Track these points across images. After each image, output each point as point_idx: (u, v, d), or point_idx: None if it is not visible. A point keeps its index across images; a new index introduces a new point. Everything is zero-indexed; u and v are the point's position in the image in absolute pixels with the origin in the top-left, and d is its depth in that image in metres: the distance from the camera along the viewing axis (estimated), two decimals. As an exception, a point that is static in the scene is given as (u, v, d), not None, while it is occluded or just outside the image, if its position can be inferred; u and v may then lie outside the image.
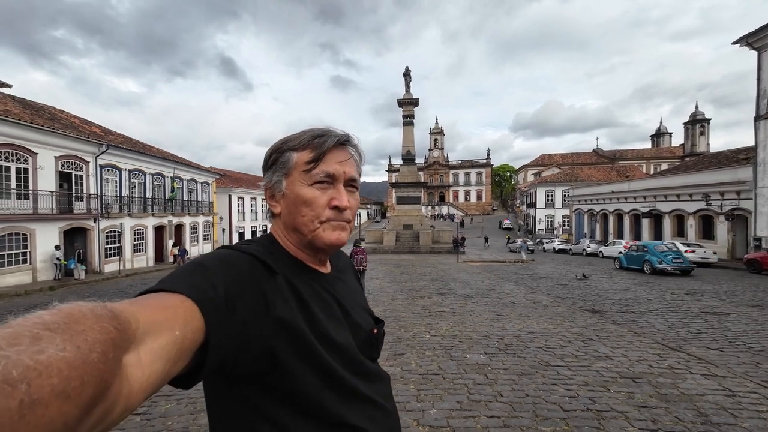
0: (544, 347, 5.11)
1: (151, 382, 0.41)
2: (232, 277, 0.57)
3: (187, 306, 0.49)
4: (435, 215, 68.10)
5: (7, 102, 15.82)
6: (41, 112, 17.64)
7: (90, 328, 0.33)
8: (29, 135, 14.51)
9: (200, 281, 0.54)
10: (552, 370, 4.27)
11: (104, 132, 21.14)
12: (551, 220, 47.56)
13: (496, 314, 7.25)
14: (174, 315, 0.46)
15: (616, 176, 43.18)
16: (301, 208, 0.71)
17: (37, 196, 14.74)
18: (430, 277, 13.03)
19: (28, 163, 14.66)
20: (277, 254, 0.71)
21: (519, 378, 4.03)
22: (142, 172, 21.27)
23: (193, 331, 0.48)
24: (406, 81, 30.96)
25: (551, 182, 48.12)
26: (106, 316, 0.36)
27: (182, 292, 0.50)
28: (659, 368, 4.33)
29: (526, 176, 69.54)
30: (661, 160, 61.56)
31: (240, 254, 0.63)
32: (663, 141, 69.26)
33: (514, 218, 64.72)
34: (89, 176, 17.53)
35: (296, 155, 0.72)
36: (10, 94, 17.20)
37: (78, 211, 16.73)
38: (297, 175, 0.71)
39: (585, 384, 3.86)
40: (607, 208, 32.00)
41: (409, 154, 31.02)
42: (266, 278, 0.62)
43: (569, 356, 4.72)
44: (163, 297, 0.49)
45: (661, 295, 9.79)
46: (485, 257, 23.50)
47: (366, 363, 0.75)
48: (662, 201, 25.23)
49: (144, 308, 0.44)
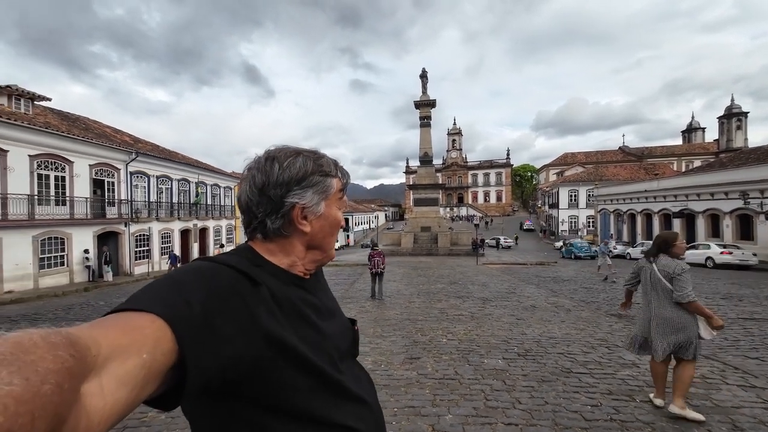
0: (565, 353, 4.95)
1: (114, 411, 0.38)
2: (211, 291, 0.54)
3: (156, 326, 0.46)
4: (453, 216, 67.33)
5: (47, 114, 16.89)
6: (77, 123, 18.73)
7: (41, 357, 0.31)
8: (67, 145, 15.43)
9: (173, 298, 0.50)
10: (573, 377, 4.12)
11: (134, 140, 22.19)
12: (575, 220, 46.07)
13: (516, 318, 7.09)
14: (142, 337, 0.43)
15: (644, 174, 41.36)
16: (335, 230, 0.77)
17: (73, 202, 15.63)
18: (447, 280, 12.89)
19: (65, 172, 15.57)
20: (261, 265, 0.69)
21: (538, 385, 3.92)
22: (168, 178, 22.16)
23: (164, 353, 0.45)
24: (422, 82, 30.88)
25: (574, 181, 46.66)
26: (61, 343, 0.33)
27: (152, 311, 0.47)
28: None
29: (547, 176, 67.72)
30: (694, 157, 58.49)
31: (219, 266, 0.60)
32: (695, 137, 65.85)
33: (535, 219, 63.13)
34: (120, 183, 18.44)
35: (336, 182, 0.77)
36: (50, 106, 18.36)
37: (110, 216, 17.61)
38: (334, 200, 0.77)
39: (609, 392, 3.70)
40: (634, 208, 30.68)
41: (426, 156, 30.87)
42: (249, 290, 0.59)
43: (592, 363, 4.54)
44: (131, 317, 0.46)
45: (694, 300, 9.27)
46: (505, 259, 23.03)
47: (352, 361, 0.78)
48: (695, 200, 23.94)
49: (107, 330, 0.42)
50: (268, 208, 0.71)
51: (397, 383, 4.04)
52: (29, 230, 13.86)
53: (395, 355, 5.02)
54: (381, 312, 7.92)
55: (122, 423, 3.30)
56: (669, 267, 3.19)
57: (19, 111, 14.93)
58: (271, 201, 0.70)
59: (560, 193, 46.73)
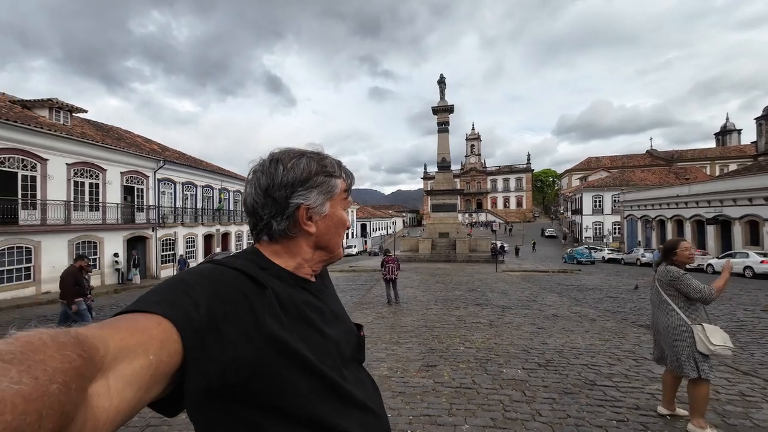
0: (589, 364, 4.75)
1: (120, 411, 0.38)
2: (217, 293, 0.55)
3: (163, 327, 0.46)
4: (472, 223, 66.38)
5: (83, 125, 17.95)
6: (110, 133, 19.80)
7: (50, 357, 0.31)
8: (101, 154, 16.33)
9: (181, 300, 0.51)
10: (598, 389, 3.94)
11: (162, 149, 23.21)
12: (599, 227, 44.46)
13: (537, 327, 6.87)
14: (148, 338, 0.44)
15: (674, 179, 39.54)
16: (340, 230, 0.78)
17: (105, 207, 16.46)
18: (466, 287, 12.68)
19: (99, 179, 16.45)
20: (266, 267, 0.69)
21: (560, 397, 3.77)
22: (193, 184, 23.00)
23: (170, 355, 0.45)
24: (440, 88, 30.84)
25: (599, 187, 45.12)
26: (70, 343, 0.34)
27: (159, 313, 0.47)
28: (727, 395, 3.84)
29: (570, 181, 65.85)
30: (729, 160, 55.50)
31: (226, 269, 0.61)
32: (730, 139, 62.45)
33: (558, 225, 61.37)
34: (149, 189, 19.29)
35: (340, 182, 0.77)
36: (86, 118, 19.50)
37: (139, 222, 18.41)
38: (338, 200, 0.77)
39: (636, 407, 3.51)
40: (664, 214, 29.33)
41: (444, 161, 30.68)
42: (255, 293, 0.60)
43: (618, 375, 4.33)
44: (138, 318, 0.47)
45: (731, 312, 8.73)
46: (526, 266, 22.44)
47: (358, 367, 0.77)
48: (731, 205, 22.64)
49: (115, 331, 0.42)
50: (273, 210, 0.71)
51: (413, 391, 3.98)
52: (65, 234, 14.67)
53: (411, 362, 4.96)
54: (397, 318, 7.86)
55: (145, 421, 3.41)
56: (663, 275, 3.14)
57: (58, 122, 15.93)
58: (276, 202, 0.71)
59: (584, 199, 45.27)
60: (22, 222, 13.28)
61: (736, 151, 57.46)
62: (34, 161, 13.74)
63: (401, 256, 24.78)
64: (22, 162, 13.39)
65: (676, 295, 3.06)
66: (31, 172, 13.70)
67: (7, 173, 12.96)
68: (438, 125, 30.88)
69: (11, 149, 12.94)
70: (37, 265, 13.77)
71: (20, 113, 14.23)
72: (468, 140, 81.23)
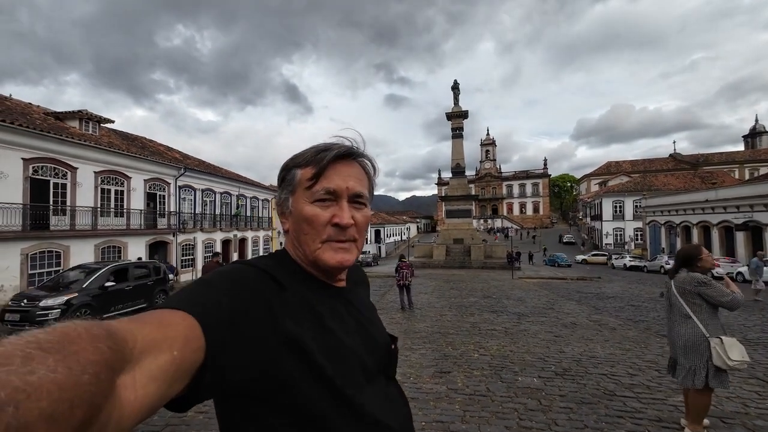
0: (608, 374, 4.61)
1: (145, 404, 0.39)
2: (238, 293, 0.56)
3: (188, 324, 0.47)
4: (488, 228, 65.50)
5: (110, 135, 18.80)
6: (135, 142, 20.64)
7: (83, 348, 0.32)
8: (126, 162, 17.04)
9: (204, 298, 0.53)
10: (618, 400, 3.82)
11: (183, 157, 24.00)
12: (620, 233, 43.08)
13: (554, 335, 6.71)
14: (174, 333, 0.45)
15: (699, 183, 38.05)
16: (303, 227, 0.68)
17: (129, 213, 17.11)
18: (481, 294, 12.51)
19: (124, 186, 17.14)
20: (289, 269, 0.69)
21: (577, 407, 3.67)
22: (212, 191, 23.64)
23: (193, 351, 0.46)
24: (454, 94, 30.87)
25: (619, 192, 43.83)
26: (102, 335, 0.35)
27: (185, 309, 0.49)
28: (757, 408, 3.65)
29: (589, 186, 64.25)
30: (759, 164, 53.05)
31: (249, 269, 0.62)
32: (760, 142, 59.83)
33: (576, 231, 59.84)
34: (170, 196, 19.94)
35: (300, 172, 0.70)
36: (113, 128, 20.42)
37: (161, 227, 19.03)
38: (300, 192, 0.69)
39: (658, 419, 3.39)
40: (689, 220, 28.20)
41: (458, 167, 30.54)
42: (275, 293, 0.60)
43: (639, 386, 4.19)
44: (165, 314, 0.48)
45: (764, 322, 8.30)
46: (543, 273, 21.95)
47: (387, 382, 0.71)
48: (762, 211, 21.60)
49: (144, 326, 0.43)
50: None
51: (425, 397, 3.96)
52: (92, 239, 15.30)
53: (425, 368, 4.93)
54: (411, 324, 7.83)
55: (164, 420, 3.51)
56: (687, 282, 3.02)
57: (87, 133, 16.74)
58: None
59: (603, 204, 44.04)
60: (53, 227, 13.94)
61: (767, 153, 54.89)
62: (65, 170, 14.45)
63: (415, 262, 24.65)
64: (54, 170, 14.11)
65: (698, 304, 2.95)
66: (62, 180, 14.41)
67: (40, 181, 13.67)
68: (452, 131, 30.84)
69: (44, 158, 13.67)
70: (66, 268, 14.39)
71: (53, 124, 15.03)
72: (483, 145, 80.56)
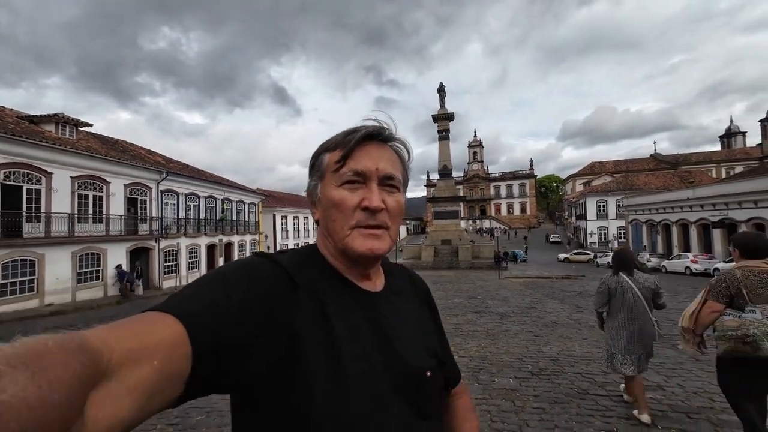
0: (583, 373, 4.67)
1: (121, 419, 0.36)
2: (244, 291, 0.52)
3: (173, 329, 0.43)
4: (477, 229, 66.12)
5: (89, 139, 18.32)
6: (115, 146, 20.16)
7: (53, 364, 0.30)
8: (105, 166, 16.61)
9: (201, 298, 0.49)
10: (590, 399, 3.87)
11: (165, 160, 23.55)
12: (604, 232, 44.04)
13: (534, 335, 6.79)
14: (156, 341, 0.41)
15: (678, 182, 39.23)
16: (331, 212, 0.63)
17: (108, 219, 16.67)
18: (466, 294, 12.58)
19: (103, 191, 16.70)
20: (311, 264, 0.64)
21: (550, 406, 3.70)
22: (196, 195, 23.24)
23: (178, 359, 0.42)
24: (440, 96, 31.06)
25: (603, 191, 44.83)
26: (74, 349, 0.33)
27: (173, 313, 0.45)
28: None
29: (574, 186, 65.48)
30: (735, 163, 54.92)
31: (265, 262, 0.59)
32: (735, 142, 61.94)
33: (562, 231, 60.89)
34: (152, 201, 19.52)
35: (328, 156, 0.66)
36: (92, 132, 19.90)
37: (142, 233, 18.60)
38: (329, 176, 0.65)
39: (627, 417, 3.44)
40: (669, 218, 29.00)
41: (445, 169, 30.73)
42: (287, 290, 0.56)
43: (612, 384, 4.25)
44: (149, 319, 0.44)
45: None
46: (530, 273, 22.23)
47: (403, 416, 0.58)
48: (736, 208, 22.35)
49: (122, 334, 0.39)
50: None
51: (401, 401, 3.93)
52: (69, 246, 14.85)
53: (403, 371, 4.91)
54: (394, 327, 7.81)
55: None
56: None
57: (63, 136, 16.27)
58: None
59: (588, 204, 44.98)
60: (27, 235, 13.48)
61: (742, 153, 56.90)
62: (39, 175, 14.00)
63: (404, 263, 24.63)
64: (26, 176, 13.66)
65: (649, 300, 3.33)
66: (35, 185, 13.96)
67: (12, 187, 13.20)
68: (439, 133, 31.03)
69: (16, 163, 13.22)
70: (41, 278, 13.92)
71: (26, 128, 14.56)
72: (470, 147, 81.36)
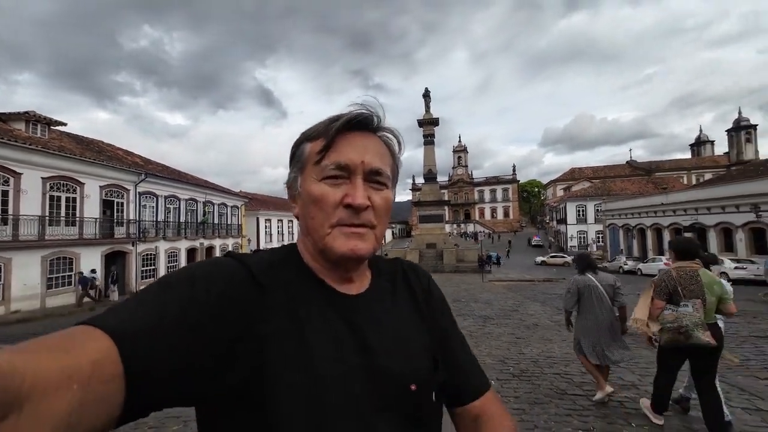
0: (562, 374, 4.78)
1: None
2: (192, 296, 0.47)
3: (99, 346, 0.38)
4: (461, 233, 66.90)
5: (62, 139, 17.59)
6: (91, 147, 19.43)
7: None
8: (78, 167, 15.96)
9: (137, 310, 0.43)
10: (568, 399, 3.96)
11: (144, 161, 22.85)
12: (584, 236, 45.34)
13: (516, 337, 6.90)
14: (76, 361, 0.35)
15: (652, 188, 40.83)
16: (310, 209, 0.57)
17: (83, 222, 16.01)
18: (451, 298, 12.69)
19: (76, 193, 16.04)
20: (288, 265, 0.58)
21: (530, 407, 3.77)
22: (176, 197, 22.63)
23: (104, 381, 0.36)
24: (425, 102, 31.45)
25: (582, 197, 46.22)
26: None
27: (101, 326, 0.39)
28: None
29: (555, 191, 67.26)
30: (704, 170, 57.70)
31: (229, 263, 0.54)
32: (704, 150, 65.16)
33: (544, 234, 62.32)
34: (129, 203, 18.88)
35: (310, 146, 0.58)
36: (66, 131, 19.13)
37: (118, 236, 17.94)
38: (309, 168, 0.58)
39: (604, 416, 3.54)
40: (644, 223, 30.13)
41: (430, 173, 31.05)
42: (248, 293, 0.51)
43: (589, 384, 4.36)
44: (76, 335, 0.38)
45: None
46: (512, 276, 22.63)
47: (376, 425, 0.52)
48: (705, 214, 23.44)
49: (38, 356, 0.34)
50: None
51: (384, 405, 3.93)
52: (39, 250, 14.17)
53: (387, 375, 4.90)
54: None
55: None
56: (610, 280, 3.82)
57: (35, 135, 15.58)
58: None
59: (567, 209, 46.25)
60: (-7, 238, 12.80)
61: (710, 161, 59.87)
62: (7, 175, 13.34)
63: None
64: (-6, 176, 13.00)
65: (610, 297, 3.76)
66: (3, 186, 13.28)
67: (-23, 188, 12.55)
68: (424, 137, 31.37)
69: (-17, 163, 12.58)
70: (7, 283, 13.22)
71: (-6, 127, 13.89)
72: (455, 152, 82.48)
